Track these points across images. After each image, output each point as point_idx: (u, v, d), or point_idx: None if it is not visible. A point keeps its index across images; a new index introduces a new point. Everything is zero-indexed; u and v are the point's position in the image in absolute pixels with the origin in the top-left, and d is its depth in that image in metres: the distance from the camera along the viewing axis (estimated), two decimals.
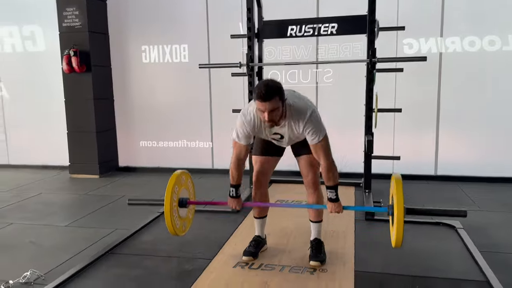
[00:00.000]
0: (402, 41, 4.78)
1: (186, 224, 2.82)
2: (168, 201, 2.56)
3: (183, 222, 2.76)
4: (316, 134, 2.41)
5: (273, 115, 2.29)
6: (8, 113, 5.96)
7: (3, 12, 5.74)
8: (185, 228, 2.79)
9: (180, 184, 2.73)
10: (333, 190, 2.53)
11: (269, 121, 2.31)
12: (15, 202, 4.26)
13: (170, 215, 2.57)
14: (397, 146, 4.93)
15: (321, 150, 2.45)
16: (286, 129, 2.46)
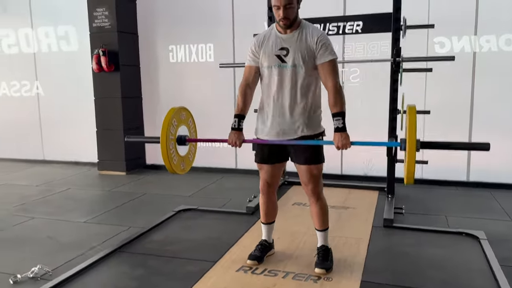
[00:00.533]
0: (433, 39, 4.55)
1: (185, 164, 2.73)
2: (164, 134, 2.48)
3: (182, 161, 2.69)
4: (329, 50, 2.38)
5: (288, 12, 2.31)
6: (43, 110, 6.21)
7: (40, 14, 5.97)
8: (184, 167, 2.71)
9: (180, 120, 2.66)
10: (340, 118, 2.39)
11: (284, 17, 2.31)
12: (42, 196, 4.42)
13: (166, 150, 2.49)
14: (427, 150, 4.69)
15: (330, 69, 2.38)
16: (295, 41, 2.40)
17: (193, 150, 2.86)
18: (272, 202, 2.72)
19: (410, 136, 2.17)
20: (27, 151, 6.35)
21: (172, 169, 2.56)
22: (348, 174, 5.02)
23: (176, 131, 2.61)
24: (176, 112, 2.60)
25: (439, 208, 3.86)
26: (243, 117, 2.55)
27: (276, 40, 2.46)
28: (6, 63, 6.29)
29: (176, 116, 2.61)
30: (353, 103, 4.87)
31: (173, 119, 2.57)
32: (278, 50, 2.44)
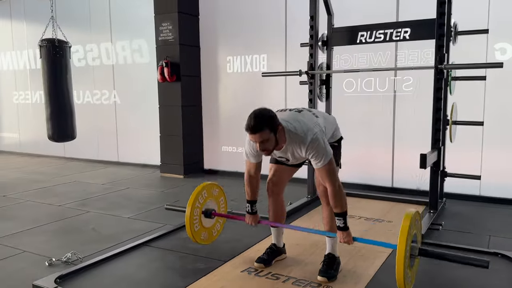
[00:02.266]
0: (494, 46, 4.21)
1: (207, 236, 2.96)
2: (189, 208, 2.76)
3: (204, 231, 2.91)
4: (320, 158, 2.34)
5: (265, 145, 2.30)
6: (119, 117, 6.84)
7: (118, 30, 6.63)
8: (205, 238, 2.93)
9: (211, 194, 2.91)
10: (341, 218, 2.42)
11: (261, 150, 2.33)
12: (103, 193, 4.90)
13: (190, 222, 2.76)
14: (486, 165, 4.34)
15: (326, 174, 2.37)
16: (289, 153, 2.45)
17: (219, 228, 3.08)
18: (277, 204, 2.76)
19: (399, 246, 2.12)
20: (104, 153, 7.04)
21: (192, 235, 2.81)
22: (399, 187, 4.81)
23: (204, 201, 2.87)
24: (208, 186, 2.88)
25: (487, 227, 3.55)
26: (254, 202, 2.72)
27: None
28: (90, 74, 7.06)
29: (208, 189, 2.88)
30: (406, 112, 4.69)
31: (204, 190, 2.85)
32: (278, 157, 2.57)
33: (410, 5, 4.52)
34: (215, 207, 2.98)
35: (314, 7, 4.15)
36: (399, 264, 2.10)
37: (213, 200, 2.95)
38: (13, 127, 8.27)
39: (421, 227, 2.42)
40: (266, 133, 2.25)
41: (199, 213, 2.84)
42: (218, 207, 3.01)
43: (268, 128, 2.25)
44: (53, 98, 4.45)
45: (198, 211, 2.83)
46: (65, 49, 4.49)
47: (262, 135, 2.25)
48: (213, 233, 3.03)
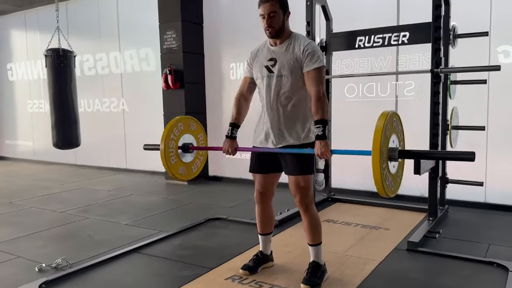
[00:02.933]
0: (496, 48, 4.11)
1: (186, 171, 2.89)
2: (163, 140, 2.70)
3: (181, 165, 2.84)
4: (315, 58, 2.39)
5: (272, 20, 2.40)
6: (127, 124, 6.93)
7: (126, 39, 6.74)
8: (183, 172, 2.86)
9: (188, 129, 2.85)
10: (320, 125, 2.33)
11: (268, 25, 2.40)
12: (106, 200, 4.96)
13: (165, 154, 2.69)
14: (491, 171, 4.22)
15: (314, 77, 2.38)
16: (283, 52, 2.46)
17: (199, 164, 3.03)
18: (266, 213, 2.73)
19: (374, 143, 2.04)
20: (113, 160, 7.14)
21: (168, 167, 2.74)
22: (403, 194, 4.70)
23: (180, 134, 2.80)
24: (184, 119, 2.83)
25: (488, 235, 3.44)
26: (236, 126, 2.66)
27: (267, 52, 2.54)
28: (99, 82, 7.19)
29: (184, 122, 2.82)
30: (408, 117, 4.58)
31: (180, 123, 2.79)
32: (267, 61, 2.51)
33: (410, 9, 4.45)
34: (194, 142, 2.91)
35: (311, 13, 4.13)
36: (374, 164, 2.02)
37: (191, 135, 2.89)
38: (27, 135, 8.48)
39: (402, 130, 2.35)
40: (276, 6, 2.39)
41: (174, 146, 2.76)
42: (197, 142, 2.94)
43: (279, 4, 2.40)
44: (57, 107, 4.54)
45: (174, 143, 2.76)
46: (70, 59, 4.58)
47: (272, 5, 2.38)
48: (192, 169, 2.96)
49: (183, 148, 2.83)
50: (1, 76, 8.79)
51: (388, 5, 4.62)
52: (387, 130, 2.10)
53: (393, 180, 2.20)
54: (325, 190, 4.60)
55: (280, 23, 2.43)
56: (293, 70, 2.43)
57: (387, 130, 2.11)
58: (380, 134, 2.04)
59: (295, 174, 2.49)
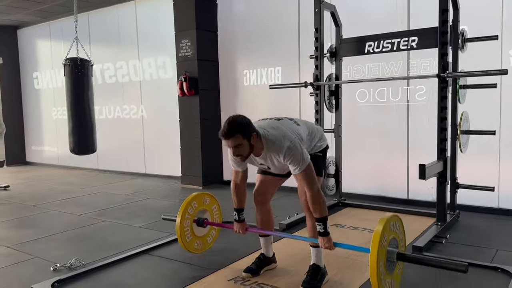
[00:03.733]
0: (508, 51, 4.07)
1: (202, 244, 3.07)
2: (180, 214, 2.90)
3: (197, 240, 3.02)
4: (297, 164, 2.38)
5: (239, 150, 2.37)
6: (146, 130, 7.12)
7: (145, 48, 6.94)
8: (198, 246, 3.04)
9: (202, 204, 3.02)
10: (321, 223, 2.42)
11: (235, 155, 2.40)
12: (123, 204, 5.12)
13: (180, 233, 2.89)
14: (504, 176, 4.17)
15: (304, 180, 2.41)
16: (269, 160, 2.50)
17: (214, 234, 3.19)
18: (263, 213, 2.81)
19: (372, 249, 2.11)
20: (132, 165, 7.34)
21: (184, 246, 2.93)
22: (414, 199, 4.69)
23: (195, 212, 2.98)
24: (197, 196, 3.01)
25: (497, 241, 3.41)
26: (241, 210, 2.80)
27: (253, 158, 2.56)
28: (120, 90, 7.42)
29: (197, 199, 3.00)
30: (420, 122, 4.59)
31: (194, 201, 2.97)
32: (260, 165, 2.63)
33: (421, 13, 4.45)
34: (208, 215, 3.06)
35: (319, 19, 4.19)
36: (372, 268, 2.08)
37: (205, 209, 3.04)
38: (52, 141, 8.80)
39: (403, 232, 2.38)
40: (239, 139, 2.32)
41: (190, 224, 2.95)
42: (212, 215, 3.10)
43: (241, 134, 2.32)
44: (75, 114, 4.72)
45: (189, 222, 2.94)
46: (87, 68, 4.76)
47: (234, 140, 2.32)
48: (207, 240, 3.13)
49: (197, 222, 3.00)
50: (28, 84, 9.17)
51: (398, 10, 4.63)
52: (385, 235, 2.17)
53: (392, 279, 2.24)
54: (335, 195, 4.63)
55: (248, 149, 2.39)
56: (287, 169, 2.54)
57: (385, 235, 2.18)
58: (378, 238, 2.11)
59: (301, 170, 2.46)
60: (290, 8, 5.39)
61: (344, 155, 4.66)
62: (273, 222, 2.90)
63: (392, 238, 2.25)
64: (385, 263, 2.17)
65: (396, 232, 2.30)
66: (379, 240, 2.11)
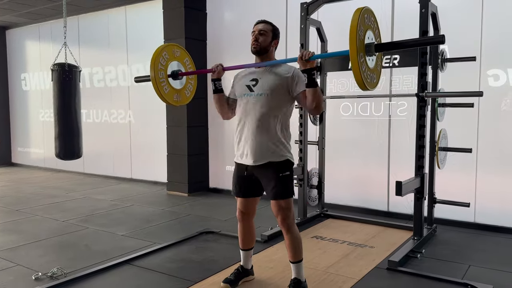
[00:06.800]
0: (487, 72, 4.20)
1: (181, 97, 3.01)
2: (152, 70, 2.82)
3: (175, 92, 2.96)
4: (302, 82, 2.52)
5: (260, 37, 2.61)
6: (133, 135, 7.15)
7: (134, 53, 6.98)
8: (178, 99, 2.99)
9: (173, 56, 2.93)
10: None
11: (254, 40, 2.61)
12: (108, 210, 5.15)
13: (157, 85, 2.81)
14: (480, 192, 4.29)
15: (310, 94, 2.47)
16: (267, 73, 2.61)
17: (191, 88, 3.14)
18: (248, 230, 2.88)
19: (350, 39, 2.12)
20: (118, 170, 7.36)
21: (163, 97, 2.87)
22: (395, 211, 4.80)
23: (167, 63, 2.90)
24: (167, 47, 2.91)
25: (471, 256, 3.51)
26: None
27: (250, 73, 2.71)
28: (108, 94, 7.44)
29: (168, 50, 2.91)
30: (401, 136, 4.70)
31: (164, 51, 2.89)
32: (249, 81, 2.68)
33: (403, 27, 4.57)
34: (181, 68, 3.01)
35: (305, 35, 4.29)
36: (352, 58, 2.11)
37: (177, 61, 2.98)
38: (38, 143, 8.78)
39: (377, 25, 2.41)
40: (268, 29, 2.64)
41: (164, 75, 2.87)
42: (185, 67, 3.04)
43: (272, 28, 2.67)
44: (61, 119, 4.72)
45: (163, 73, 2.86)
46: (75, 73, 4.78)
47: (264, 26, 2.65)
48: (186, 94, 3.08)
49: (172, 75, 2.94)
50: (15, 85, 9.14)
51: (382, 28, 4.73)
52: (361, 27, 2.19)
53: (372, 73, 2.29)
54: (318, 206, 4.72)
55: (267, 43, 2.63)
56: (275, 89, 2.58)
57: (361, 28, 2.20)
58: (355, 31, 2.13)
59: (277, 199, 2.62)
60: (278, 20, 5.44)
61: (327, 167, 4.76)
62: (254, 237, 2.96)
63: (368, 31, 2.27)
64: (364, 56, 2.19)
65: (370, 26, 2.32)
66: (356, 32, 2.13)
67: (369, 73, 2.27)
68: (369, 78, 2.24)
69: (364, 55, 2.21)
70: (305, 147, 4.44)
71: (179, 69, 3.01)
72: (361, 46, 2.17)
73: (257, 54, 2.66)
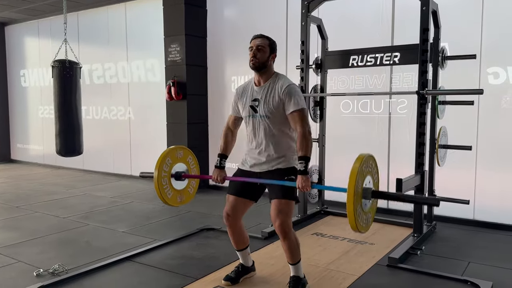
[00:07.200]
0: (487, 70, 4.21)
1: (184, 197, 3.03)
2: (156, 172, 2.85)
3: (178, 194, 2.98)
4: (293, 100, 2.54)
5: (258, 53, 2.61)
6: (133, 132, 7.15)
7: (134, 50, 6.97)
8: (181, 200, 3.01)
9: (176, 158, 2.97)
10: (303, 161, 2.51)
11: (253, 56, 2.61)
12: (108, 207, 5.16)
13: (161, 193, 2.85)
14: (479, 189, 4.31)
15: (298, 118, 2.55)
16: (265, 92, 2.62)
17: (194, 184, 3.16)
18: (236, 232, 2.83)
19: (349, 184, 2.19)
20: (119, 167, 7.36)
21: (166, 202, 2.91)
22: (394, 208, 4.82)
23: (170, 168, 2.95)
24: (170, 152, 2.96)
25: (470, 253, 3.53)
26: (225, 157, 2.85)
27: (251, 92, 2.71)
28: (108, 91, 7.44)
29: (171, 155, 2.96)
30: (400, 134, 4.71)
31: (167, 157, 2.94)
32: (252, 101, 2.69)
33: (404, 29, 4.58)
34: (184, 167, 3.03)
35: (305, 32, 4.29)
36: (349, 202, 2.16)
37: (180, 162, 3.01)
38: (38, 140, 8.77)
39: (377, 171, 2.46)
40: (265, 44, 2.63)
41: (168, 181, 2.90)
42: (188, 167, 3.06)
43: (269, 42, 2.66)
44: (62, 116, 4.73)
45: (167, 179, 2.90)
46: (76, 70, 4.78)
47: (261, 41, 2.63)
48: (189, 191, 3.09)
49: (175, 176, 2.97)
50: (14, 82, 9.12)
51: (383, 25, 4.75)
52: (362, 171, 2.25)
53: (366, 215, 2.32)
54: (318, 203, 4.74)
55: (265, 58, 2.62)
56: (274, 110, 2.61)
57: (363, 172, 2.25)
58: (355, 175, 2.19)
59: (278, 197, 2.61)
60: (278, 17, 5.48)
61: (327, 164, 4.77)
62: (247, 237, 2.93)
63: (367, 176, 2.31)
64: (360, 199, 2.24)
65: (371, 172, 2.36)
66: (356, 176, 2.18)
67: (364, 216, 2.29)
68: (363, 221, 2.27)
69: (361, 204, 2.25)
70: None
71: (183, 171, 3.01)
72: (358, 197, 2.21)
73: (256, 70, 2.66)
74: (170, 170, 2.94)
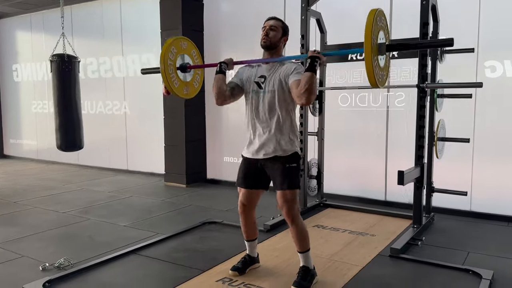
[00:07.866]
0: (484, 63, 4.27)
1: (190, 89, 3.05)
2: (162, 59, 2.83)
3: (185, 86, 2.99)
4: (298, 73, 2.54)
5: (270, 32, 2.67)
6: (129, 127, 7.12)
7: (129, 44, 6.93)
8: (187, 92, 3.03)
9: (180, 49, 2.95)
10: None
11: (265, 35, 2.67)
12: (107, 201, 5.15)
13: (168, 79, 2.84)
14: (476, 180, 4.39)
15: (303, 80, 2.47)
16: (274, 70, 2.65)
17: (199, 79, 3.18)
18: (249, 222, 2.90)
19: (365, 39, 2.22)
20: (115, 162, 7.33)
21: (173, 91, 2.90)
22: (392, 200, 4.88)
23: (175, 57, 2.93)
24: (175, 41, 2.93)
25: (469, 243, 3.61)
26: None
27: (258, 70, 2.75)
28: (103, 85, 7.39)
29: (175, 44, 2.93)
30: (398, 127, 4.77)
31: (172, 46, 2.90)
32: (258, 78, 2.71)
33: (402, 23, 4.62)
34: (189, 60, 3.04)
35: (305, 26, 4.30)
36: (367, 58, 2.21)
37: (185, 54, 3.00)
38: (31, 135, 8.69)
39: (387, 26, 2.47)
40: (278, 26, 2.71)
41: (174, 70, 2.90)
42: (192, 59, 3.07)
43: (282, 25, 2.74)
44: (62, 110, 4.71)
45: (173, 68, 2.89)
46: (74, 64, 4.75)
47: (275, 23, 2.71)
48: (194, 85, 3.11)
49: (181, 68, 2.96)
50: (7, 77, 9.01)
51: None
52: (375, 27, 2.27)
53: (382, 72, 2.37)
54: (317, 196, 4.78)
55: (276, 39, 2.69)
56: (282, 87, 2.62)
57: (375, 28, 2.28)
58: (370, 29, 2.21)
59: (283, 189, 2.66)
60: (276, 10, 5.48)
61: (326, 157, 4.81)
62: (256, 229, 2.99)
63: (380, 31, 2.34)
64: (377, 55, 2.28)
65: (382, 27, 2.39)
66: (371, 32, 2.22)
67: (380, 72, 2.32)
68: (379, 76, 2.32)
69: (377, 57, 2.29)
70: (305, 137, 4.48)
71: (187, 62, 3.02)
72: (375, 48, 2.25)
73: (266, 49, 2.70)
74: (176, 60, 2.93)
